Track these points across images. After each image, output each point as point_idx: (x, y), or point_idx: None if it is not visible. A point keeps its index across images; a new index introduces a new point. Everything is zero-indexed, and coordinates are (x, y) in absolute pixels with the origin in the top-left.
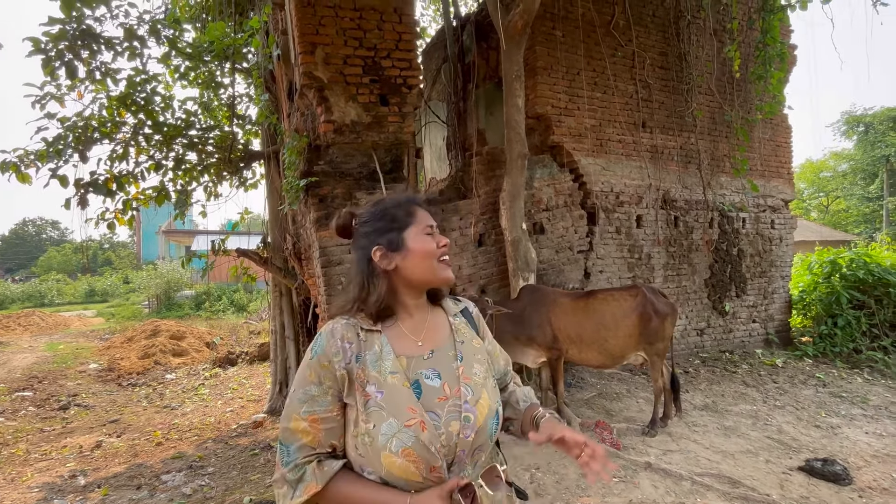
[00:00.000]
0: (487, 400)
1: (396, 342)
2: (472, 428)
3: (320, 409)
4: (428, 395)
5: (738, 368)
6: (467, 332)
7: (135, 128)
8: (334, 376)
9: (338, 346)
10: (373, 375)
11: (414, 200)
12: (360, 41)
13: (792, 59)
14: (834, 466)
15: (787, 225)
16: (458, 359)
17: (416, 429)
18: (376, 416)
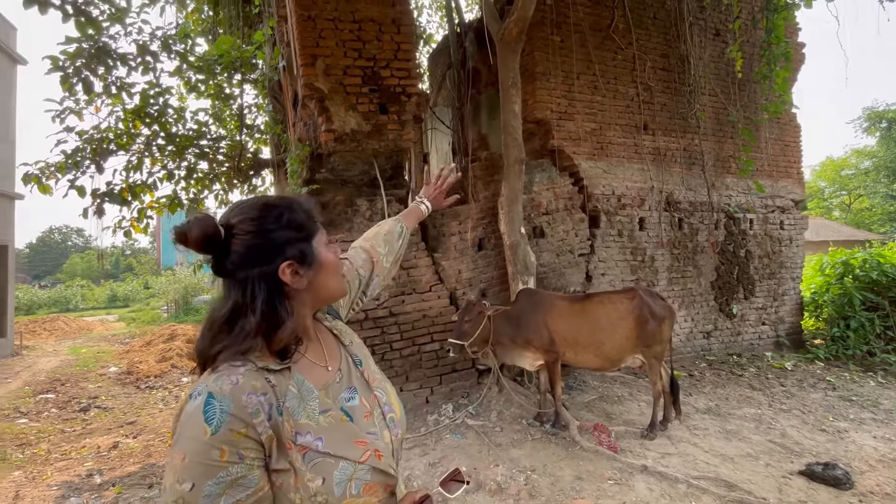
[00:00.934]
0: (392, 389)
1: (309, 375)
2: (398, 425)
3: (246, 494)
4: (358, 419)
5: (745, 371)
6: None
7: (148, 139)
8: (259, 443)
9: (253, 402)
10: (303, 423)
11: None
12: (359, 52)
13: (800, 58)
14: (835, 471)
15: (798, 226)
16: (357, 364)
17: (372, 460)
18: (324, 467)
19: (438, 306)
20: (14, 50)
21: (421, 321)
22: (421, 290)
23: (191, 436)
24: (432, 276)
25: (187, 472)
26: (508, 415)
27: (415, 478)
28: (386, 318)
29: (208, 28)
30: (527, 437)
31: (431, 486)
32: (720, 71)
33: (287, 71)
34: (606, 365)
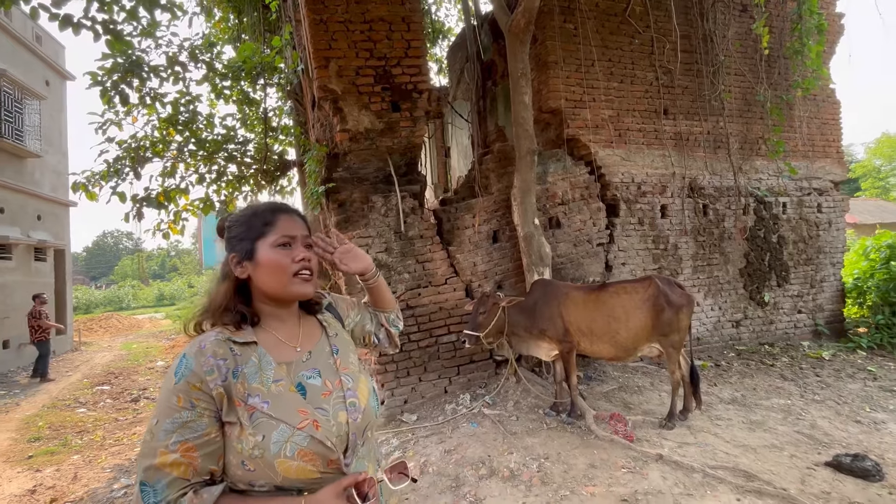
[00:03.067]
0: (365, 382)
1: (275, 351)
2: (359, 411)
3: (195, 435)
4: (312, 394)
5: (777, 361)
6: (337, 326)
7: (180, 145)
8: (210, 396)
9: (210, 363)
10: (255, 387)
11: (278, 208)
12: (370, 52)
13: (837, 30)
14: (864, 462)
15: (838, 208)
16: (333, 352)
17: (309, 428)
18: (265, 426)
19: (454, 298)
20: (63, 67)
21: (438, 313)
22: (437, 282)
23: (164, 384)
24: (448, 269)
25: (157, 410)
26: (525, 404)
27: (430, 464)
28: (403, 311)
29: (234, 35)
30: (542, 426)
31: (445, 472)
32: (747, 48)
33: (305, 74)
34: (622, 354)
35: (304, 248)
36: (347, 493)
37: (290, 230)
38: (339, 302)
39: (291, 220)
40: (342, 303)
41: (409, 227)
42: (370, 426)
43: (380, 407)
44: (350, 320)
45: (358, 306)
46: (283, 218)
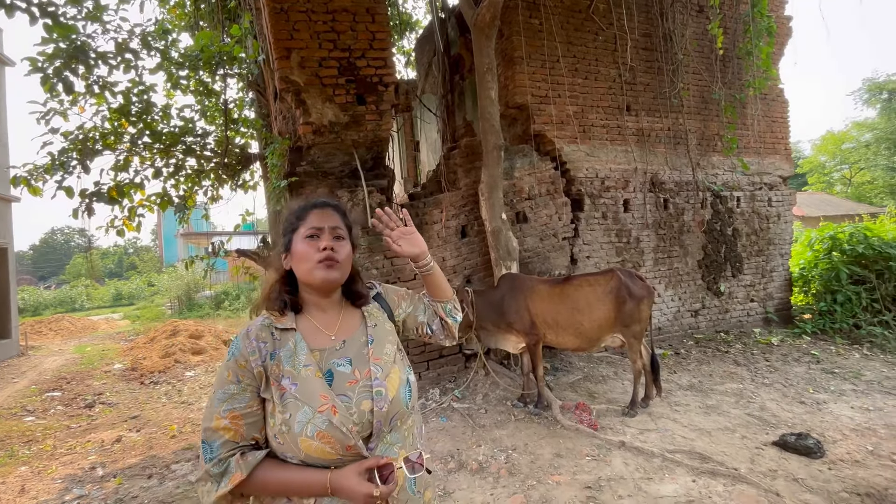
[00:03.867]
0: (398, 372)
1: (311, 338)
2: (385, 400)
3: (240, 406)
4: (339, 381)
5: (731, 348)
6: (380, 316)
7: (134, 137)
8: (252, 374)
9: (252, 346)
10: (287, 370)
11: (312, 204)
12: (334, 43)
13: (786, 32)
14: (807, 441)
15: (786, 201)
16: (368, 343)
17: (328, 413)
18: (292, 406)
19: None
20: (1, 51)
21: None
22: (406, 278)
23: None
24: None
25: (215, 381)
26: (494, 397)
27: None
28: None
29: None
30: (510, 418)
31: None
32: (703, 48)
33: (266, 64)
34: (585, 345)
35: (331, 238)
36: (369, 474)
37: (318, 222)
38: (390, 293)
39: (321, 214)
40: (393, 294)
41: None
42: (399, 415)
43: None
44: (401, 311)
45: (411, 297)
46: (313, 212)
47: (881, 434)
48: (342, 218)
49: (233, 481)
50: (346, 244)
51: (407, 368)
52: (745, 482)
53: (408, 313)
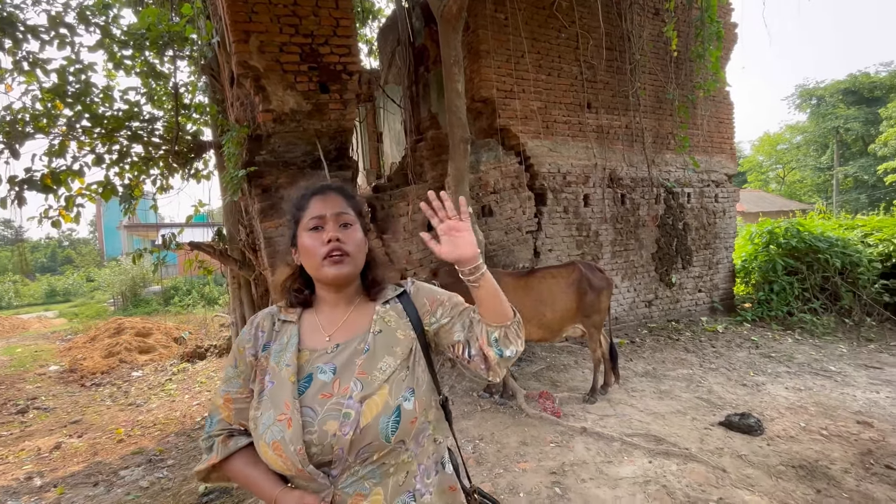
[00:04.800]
0: (386, 396)
1: (307, 335)
2: (352, 425)
3: (233, 390)
4: (313, 391)
5: (682, 336)
6: (393, 321)
7: (71, 120)
8: (246, 362)
9: (251, 333)
10: (271, 366)
11: (313, 190)
12: (295, 28)
13: (732, 38)
14: (749, 419)
15: (730, 198)
16: (363, 352)
17: (283, 425)
18: (264, 405)
19: None
20: None
21: None
22: None
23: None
24: (382, 258)
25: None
26: (460, 388)
27: None
28: None
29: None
30: (476, 408)
31: None
32: (659, 50)
33: (222, 47)
34: (548, 336)
35: (337, 227)
36: None
37: (320, 210)
38: (422, 295)
39: (322, 201)
40: (426, 296)
41: None
42: (373, 448)
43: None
44: (433, 320)
45: (451, 306)
46: (315, 200)
47: (811, 411)
48: (348, 201)
49: (209, 462)
50: (355, 231)
51: (406, 393)
52: (696, 460)
53: (441, 325)
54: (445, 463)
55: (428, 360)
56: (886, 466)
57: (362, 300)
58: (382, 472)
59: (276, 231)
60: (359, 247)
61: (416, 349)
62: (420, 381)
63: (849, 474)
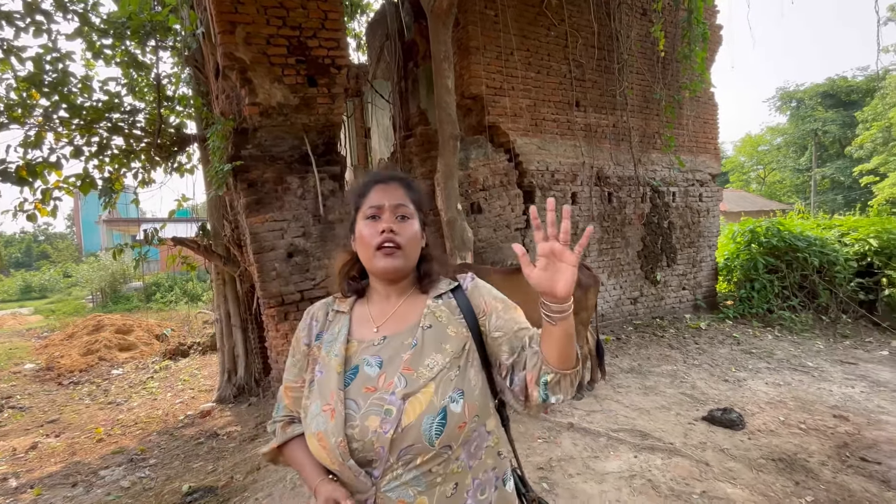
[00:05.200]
0: (431, 395)
1: (357, 325)
2: (393, 423)
3: (290, 379)
4: (358, 383)
5: (666, 333)
6: (444, 317)
7: (48, 111)
8: (300, 351)
9: (307, 323)
10: (322, 356)
11: (375, 178)
12: (283, 20)
13: (717, 39)
14: (731, 414)
15: (714, 198)
16: (411, 346)
17: (327, 416)
18: (313, 394)
19: None
20: None
21: None
22: None
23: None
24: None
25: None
26: None
27: None
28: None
29: None
30: None
31: None
32: (646, 50)
33: (206, 38)
34: None
35: (394, 218)
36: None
37: (379, 200)
38: (478, 295)
39: (383, 190)
40: (482, 298)
41: (329, 210)
42: (415, 451)
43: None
44: (487, 329)
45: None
46: (375, 189)
47: (790, 406)
48: (409, 193)
49: (271, 446)
50: (411, 224)
51: (454, 394)
52: (680, 455)
53: (491, 336)
54: (507, 480)
55: (484, 362)
56: (861, 459)
57: (414, 293)
58: (428, 480)
59: (263, 226)
60: (413, 240)
61: (469, 348)
62: (472, 383)
63: (826, 466)
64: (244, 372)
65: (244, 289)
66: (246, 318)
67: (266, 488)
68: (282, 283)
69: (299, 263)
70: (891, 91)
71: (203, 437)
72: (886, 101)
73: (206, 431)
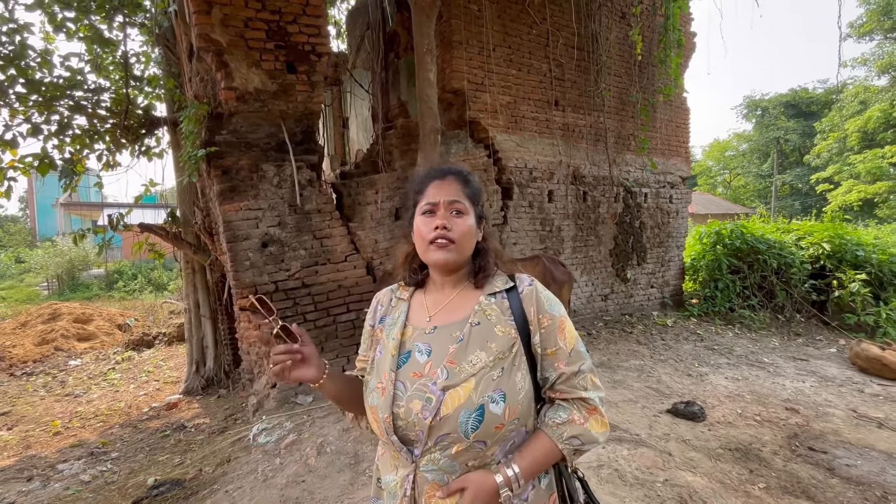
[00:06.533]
0: (471, 391)
1: (414, 313)
2: (432, 411)
3: (360, 355)
4: (409, 367)
5: (635, 329)
6: (494, 316)
7: (3, 85)
8: (367, 332)
9: (373, 307)
10: (382, 338)
11: (431, 174)
12: (262, 3)
13: (691, 46)
14: (693, 407)
15: (683, 200)
16: (458, 340)
17: (379, 392)
18: (373, 372)
19: (354, 276)
20: None
21: (336, 291)
22: (336, 259)
23: None
24: (347, 246)
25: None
26: None
27: (328, 443)
28: (298, 290)
29: None
30: None
31: (344, 451)
32: (624, 53)
33: (180, 17)
34: None
35: (449, 213)
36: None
37: (434, 196)
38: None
39: (438, 186)
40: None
41: (306, 200)
42: (451, 440)
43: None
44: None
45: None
46: (432, 185)
47: (747, 399)
48: (464, 188)
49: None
50: (465, 219)
51: (495, 395)
52: (645, 445)
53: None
54: (542, 477)
55: (531, 366)
56: (809, 448)
57: (468, 287)
58: (463, 469)
59: (237, 215)
60: (466, 235)
61: (517, 350)
62: (518, 386)
63: (777, 456)
64: (213, 363)
65: (214, 278)
66: (216, 308)
67: (236, 480)
68: (255, 273)
69: (274, 253)
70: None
71: (169, 429)
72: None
73: (172, 424)
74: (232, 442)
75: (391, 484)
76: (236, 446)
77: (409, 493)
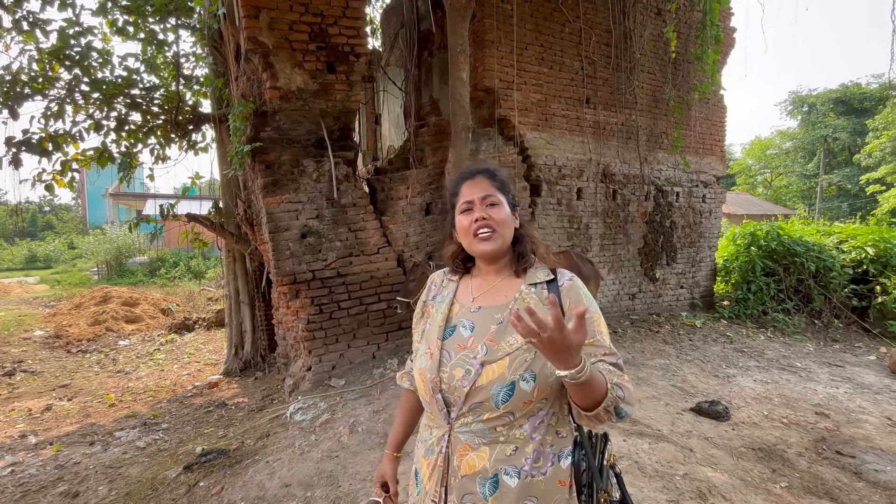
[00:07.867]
0: (505, 369)
1: (461, 293)
2: (470, 380)
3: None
4: (453, 339)
5: (662, 329)
6: (533, 304)
7: (70, 84)
8: (421, 308)
9: (428, 286)
10: (432, 313)
11: (464, 176)
12: (305, 7)
13: (730, 42)
14: (717, 406)
15: (717, 199)
16: (498, 322)
17: (427, 357)
18: (423, 340)
19: (386, 268)
20: None
21: (369, 282)
22: (369, 251)
23: None
24: (380, 239)
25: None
26: None
27: (359, 423)
28: (334, 279)
29: None
30: None
31: (374, 430)
32: (658, 50)
33: (228, 20)
34: None
35: (483, 208)
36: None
37: (469, 195)
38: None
39: (470, 186)
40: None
41: (342, 194)
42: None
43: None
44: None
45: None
46: (465, 185)
47: (775, 402)
48: (493, 182)
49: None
50: (500, 209)
51: (526, 374)
52: (666, 441)
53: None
54: (563, 458)
55: None
56: (837, 452)
57: (510, 275)
58: (492, 437)
59: (279, 207)
60: (505, 221)
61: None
62: (548, 370)
63: (802, 457)
64: (251, 347)
65: (253, 266)
66: (254, 295)
67: (276, 453)
68: (295, 262)
69: (312, 244)
70: None
71: (212, 405)
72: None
73: (214, 401)
74: (270, 419)
75: (429, 442)
76: (274, 423)
77: (445, 450)
